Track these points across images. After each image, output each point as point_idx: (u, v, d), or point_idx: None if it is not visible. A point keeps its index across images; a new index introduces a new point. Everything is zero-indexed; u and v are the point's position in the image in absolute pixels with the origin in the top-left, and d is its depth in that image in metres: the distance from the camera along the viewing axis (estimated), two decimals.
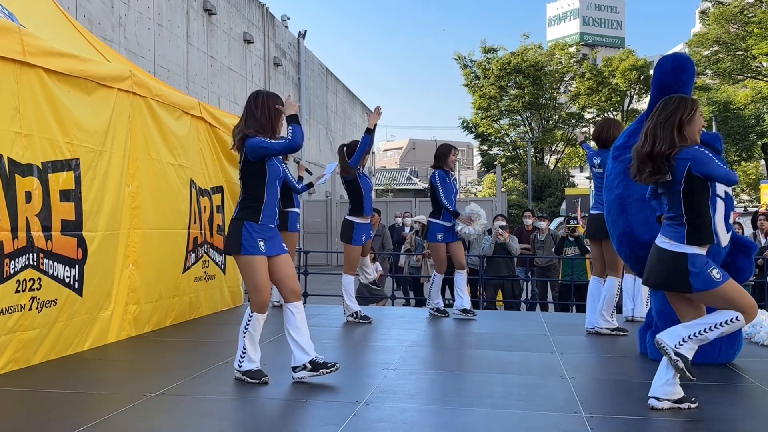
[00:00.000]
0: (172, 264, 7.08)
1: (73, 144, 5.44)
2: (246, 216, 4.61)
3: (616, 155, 5.89)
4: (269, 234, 4.67)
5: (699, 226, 3.98)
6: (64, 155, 5.34)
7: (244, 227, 4.58)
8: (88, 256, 5.62)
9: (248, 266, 4.60)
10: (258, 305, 4.65)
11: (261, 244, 4.59)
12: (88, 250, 5.62)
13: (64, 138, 5.33)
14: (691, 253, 3.97)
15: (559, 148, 47.20)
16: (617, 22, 70.00)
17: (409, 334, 6.78)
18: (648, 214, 5.30)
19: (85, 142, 5.58)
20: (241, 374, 4.70)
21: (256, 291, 4.62)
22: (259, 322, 4.71)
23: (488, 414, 4.05)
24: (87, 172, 5.62)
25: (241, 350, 4.70)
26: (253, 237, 4.57)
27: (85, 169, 5.59)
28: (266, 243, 4.63)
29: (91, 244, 5.66)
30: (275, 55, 26.47)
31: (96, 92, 5.75)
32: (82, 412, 3.97)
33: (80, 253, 5.54)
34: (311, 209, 26.60)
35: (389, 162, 76.62)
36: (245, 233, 4.57)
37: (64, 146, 5.32)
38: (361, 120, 41.31)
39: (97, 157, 5.75)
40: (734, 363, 5.44)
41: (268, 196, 4.65)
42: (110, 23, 15.16)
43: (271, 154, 4.60)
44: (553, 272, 11.26)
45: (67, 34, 6.18)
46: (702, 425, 3.88)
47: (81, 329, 5.58)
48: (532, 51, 43.99)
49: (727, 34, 35.95)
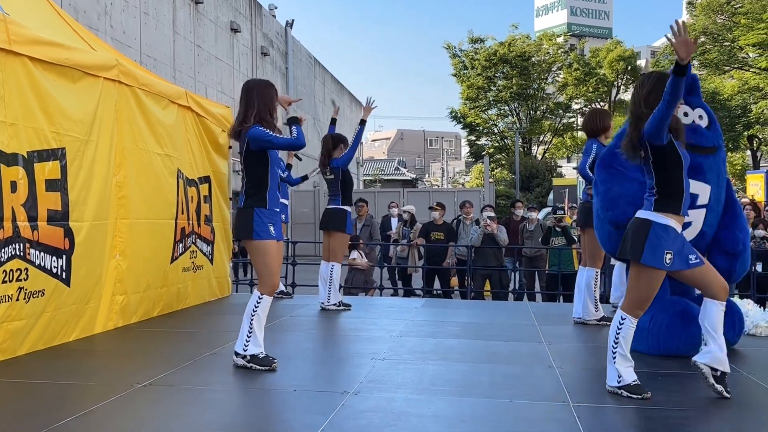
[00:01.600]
0: (160, 254, 7.05)
1: (59, 133, 5.39)
2: (255, 203, 4.71)
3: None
4: (276, 219, 4.80)
5: (666, 196, 4.03)
6: (50, 144, 5.29)
7: (255, 213, 4.68)
8: (75, 246, 5.59)
9: (262, 250, 4.70)
10: (269, 287, 4.73)
11: (271, 228, 4.71)
12: (75, 240, 5.59)
13: (50, 127, 5.28)
14: (656, 222, 3.99)
15: (546, 139, 47.29)
16: (605, 13, 70.05)
17: (397, 324, 6.79)
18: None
19: (71, 131, 5.53)
20: (245, 361, 4.68)
21: (270, 274, 4.73)
22: (268, 304, 4.77)
23: (476, 403, 4.07)
24: (73, 162, 5.57)
25: (246, 332, 4.71)
26: (264, 222, 4.69)
27: (71, 158, 5.54)
28: (275, 227, 4.76)
29: (78, 234, 5.63)
30: (262, 45, 26.34)
31: (82, 81, 5.70)
32: (69, 403, 3.95)
33: (67, 243, 5.50)
34: (299, 200, 26.55)
35: (377, 152, 76.59)
36: (257, 218, 4.67)
37: (50, 135, 5.28)
38: (349, 110, 41.23)
39: (83, 147, 5.70)
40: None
41: (272, 181, 4.78)
42: (96, 12, 15.03)
43: (273, 147, 4.71)
44: (541, 262, 11.31)
45: (52, 23, 6.12)
46: (688, 413, 3.92)
47: (68, 320, 5.56)
48: (519, 41, 43.99)
49: (714, 24, 36.04)
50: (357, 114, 43.97)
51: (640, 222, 4.07)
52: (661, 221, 3.99)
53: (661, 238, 3.96)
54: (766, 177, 24.97)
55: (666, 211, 4.00)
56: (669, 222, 3.99)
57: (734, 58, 36.43)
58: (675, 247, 3.97)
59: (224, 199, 8.71)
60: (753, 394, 4.48)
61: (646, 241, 3.98)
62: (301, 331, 6.55)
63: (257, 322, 4.72)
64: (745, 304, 6.59)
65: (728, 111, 35.10)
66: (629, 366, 4.16)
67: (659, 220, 3.99)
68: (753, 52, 35.14)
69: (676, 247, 3.98)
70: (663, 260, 3.95)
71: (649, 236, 3.97)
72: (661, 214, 4.01)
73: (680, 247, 4.00)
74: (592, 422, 3.73)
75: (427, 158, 78.18)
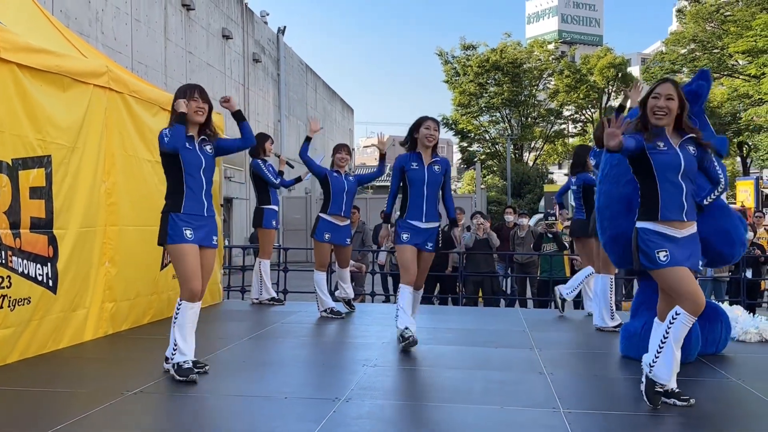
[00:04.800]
0: (150, 261, 7.01)
1: (45, 141, 5.35)
2: (170, 208, 4.69)
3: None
4: (198, 223, 4.70)
5: (644, 203, 4.09)
6: (36, 152, 5.25)
7: (170, 218, 4.64)
8: (59, 254, 5.54)
9: (176, 255, 4.64)
10: (186, 292, 4.63)
11: (187, 232, 4.62)
12: (59, 247, 5.54)
13: (36, 135, 5.24)
14: (639, 227, 4.08)
15: (538, 145, 47.44)
16: (595, 20, 70.43)
17: (388, 330, 6.78)
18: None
19: (57, 138, 5.49)
20: (171, 367, 4.63)
21: (186, 279, 4.61)
22: (190, 311, 4.67)
23: (467, 410, 4.06)
24: (58, 169, 5.53)
25: (172, 342, 4.67)
26: (179, 226, 4.61)
27: (56, 165, 5.50)
28: (195, 231, 4.66)
29: (62, 242, 5.57)
30: (254, 51, 26.35)
31: (71, 88, 5.68)
32: (60, 410, 3.93)
33: (51, 250, 5.45)
34: (290, 206, 26.54)
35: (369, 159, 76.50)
36: (171, 223, 4.63)
37: (35, 143, 5.24)
38: (340, 116, 41.25)
39: (69, 154, 5.66)
40: (709, 358, 5.50)
41: (190, 185, 4.70)
42: (87, 18, 15.01)
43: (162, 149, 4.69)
44: (533, 269, 11.32)
45: (43, 30, 6.10)
46: (678, 420, 3.92)
47: (57, 327, 5.53)
48: (511, 48, 44.17)
49: (703, 32, 36.26)
50: (348, 120, 44.03)
51: (633, 233, 4.15)
52: (644, 226, 4.06)
53: (647, 241, 4.01)
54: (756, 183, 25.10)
55: (646, 219, 4.07)
56: (653, 226, 4.03)
57: (724, 65, 36.65)
58: (668, 246, 3.98)
59: (215, 205, 8.68)
60: (743, 400, 4.49)
61: (638, 248, 4.06)
62: (292, 337, 6.53)
63: (179, 330, 4.65)
64: (734, 310, 6.62)
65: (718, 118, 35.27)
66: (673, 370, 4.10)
67: (641, 225, 4.08)
68: (742, 60, 35.37)
69: (669, 246, 3.98)
70: (657, 259, 3.97)
71: (638, 243, 4.06)
72: (642, 221, 4.09)
73: (674, 246, 3.98)
74: (583, 428, 3.73)
75: None
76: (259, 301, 8.39)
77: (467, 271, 10.70)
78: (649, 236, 4.03)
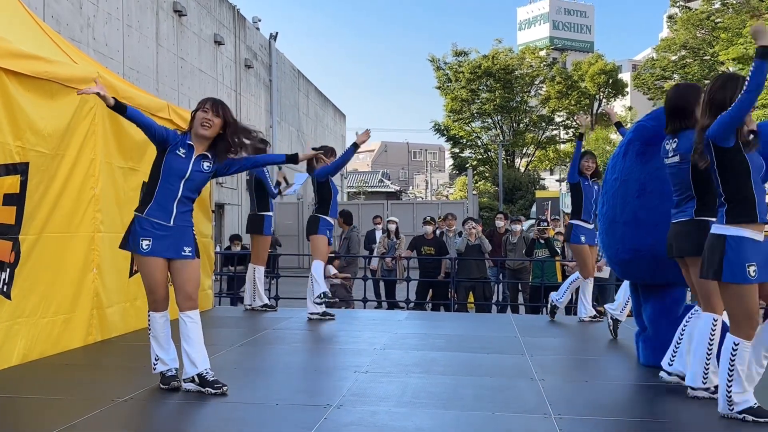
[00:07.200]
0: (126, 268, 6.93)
1: (24, 148, 5.22)
2: (138, 209, 4.48)
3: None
4: (161, 233, 4.40)
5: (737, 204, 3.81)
6: (13, 159, 5.12)
7: (134, 221, 4.45)
8: (21, 260, 5.27)
9: (137, 264, 4.59)
10: (151, 303, 4.53)
11: (144, 243, 4.37)
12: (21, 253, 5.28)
13: (15, 142, 5.12)
14: (729, 235, 3.76)
15: (529, 151, 47.58)
16: (586, 27, 70.71)
17: (380, 336, 6.78)
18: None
19: (37, 146, 5.35)
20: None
21: (146, 290, 4.52)
22: (160, 320, 4.55)
23: (459, 416, 4.06)
24: (34, 176, 5.35)
25: (153, 355, 4.61)
26: (137, 233, 4.38)
27: (33, 173, 5.33)
28: (156, 242, 4.39)
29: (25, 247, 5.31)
30: (246, 57, 26.35)
31: (59, 94, 5.61)
32: (50, 418, 3.90)
33: (13, 256, 5.21)
34: (283, 212, 26.49)
35: (361, 164, 76.59)
36: (132, 228, 4.44)
37: (14, 150, 5.11)
38: (332, 122, 41.26)
39: (48, 161, 5.51)
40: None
41: (162, 190, 4.43)
42: (79, 24, 14.98)
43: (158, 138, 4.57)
44: (524, 274, 11.34)
45: (33, 36, 6.07)
46: (668, 426, 3.93)
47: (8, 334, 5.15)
48: (503, 54, 44.33)
49: (694, 39, 36.51)
50: (340, 126, 44.05)
51: (714, 238, 3.83)
52: (735, 233, 3.75)
53: (738, 251, 3.72)
54: None
55: (739, 222, 3.76)
56: (744, 233, 3.75)
57: (714, 72, 36.85)
58: (757, 258, 3.72)
59: (204, 212, 8.65)
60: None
61: (723, 258, 3.73)
62: (284, 344, 6.52)
63: (154, 341, 4.57)
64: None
65: None
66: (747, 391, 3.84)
67: (733, 233, 3.76)
68: (733, 67, 35.54)
69: (759, 258, 3.72)
70: (746, 274, 3.69)
71: (726, 252, 3.73)
72: (733, 226, 3.77)
73: (764, 257, 3.75)
74: None
75: (411, 170, 78.32)
76: (251, 307, 8.39)
77: (459, 277, 10.71)
78: (741, 245, 3.72)
